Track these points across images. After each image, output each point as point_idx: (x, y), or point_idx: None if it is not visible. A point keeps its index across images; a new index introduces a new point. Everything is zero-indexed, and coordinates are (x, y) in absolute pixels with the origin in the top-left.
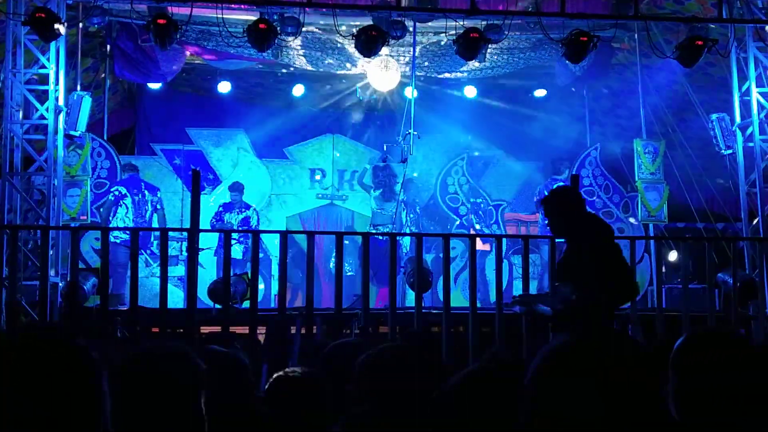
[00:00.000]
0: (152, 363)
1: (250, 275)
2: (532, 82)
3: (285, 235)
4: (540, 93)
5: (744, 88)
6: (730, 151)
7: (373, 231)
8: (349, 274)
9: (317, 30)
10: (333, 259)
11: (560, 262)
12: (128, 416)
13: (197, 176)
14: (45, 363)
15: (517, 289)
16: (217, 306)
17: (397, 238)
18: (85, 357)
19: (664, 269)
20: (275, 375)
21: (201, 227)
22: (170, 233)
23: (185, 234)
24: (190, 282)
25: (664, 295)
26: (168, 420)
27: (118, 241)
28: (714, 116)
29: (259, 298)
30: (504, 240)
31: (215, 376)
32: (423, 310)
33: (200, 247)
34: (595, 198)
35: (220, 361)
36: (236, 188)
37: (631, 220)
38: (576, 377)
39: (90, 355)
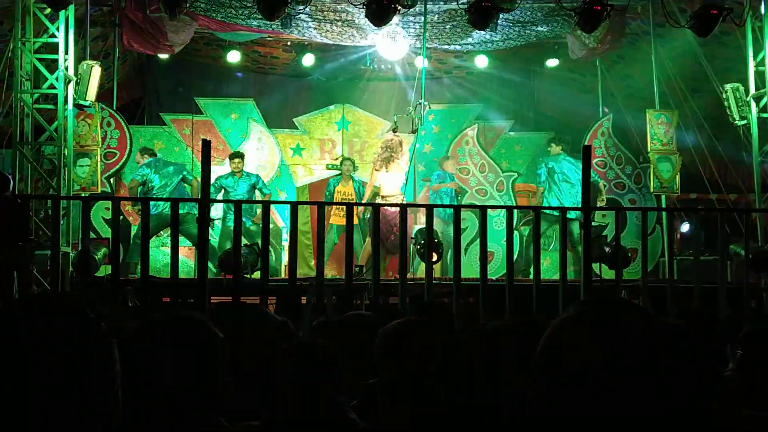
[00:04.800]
0: (168, 331)
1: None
2: (544, 52)
3: (295, 206)
4: (552, 63)
5: (759, 58)
6: (744, 122)
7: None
8: None
9: None
10: None
11: None
12: (141, 386)
13: (208, 146)
14: (55, 331)
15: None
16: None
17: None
18: (95, 325)
19: (675, 240)
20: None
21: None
22: None
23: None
24: (201, 252)
25: (675, 266)
26: (183, 388)
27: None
28: (728, 86)
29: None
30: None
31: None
32: (433, 281)
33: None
34: (607, 169)
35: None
36: (237, 156)
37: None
38: (583, 347)
39: (100, 324)
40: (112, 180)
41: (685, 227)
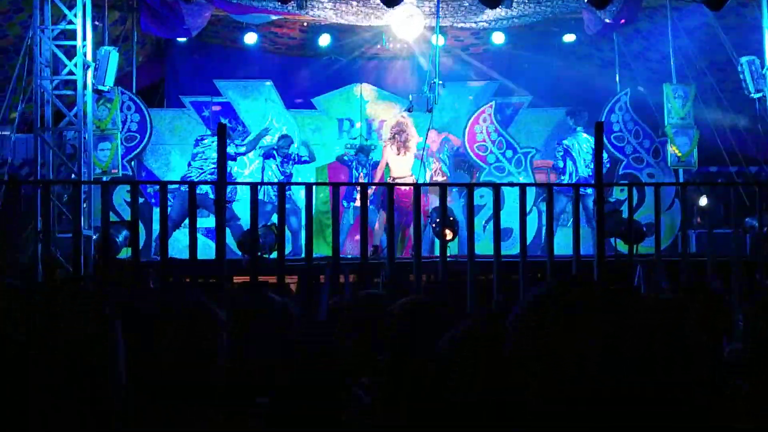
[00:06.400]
0: (171, 314)
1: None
2: (561, 27)
3: (311, 187)
4: (569, 38)
5: None
6: (759, 95)
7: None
8: None
9: None
10: None
11: None
12: (145, 364)
13: (223, 129)
14: (66, 310)
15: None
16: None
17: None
18: (99, 306)
19: (695, 214)
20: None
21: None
22: None
23: None
24: (219, 233)
25: (694, 240)
26: (183, 369)
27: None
28: (743, 59)
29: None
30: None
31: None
32: (448, 259)
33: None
34: (625, 144)
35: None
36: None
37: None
38: (550, 320)
39: (103, 305)
40: (132, 163)
41: (703, 201)
